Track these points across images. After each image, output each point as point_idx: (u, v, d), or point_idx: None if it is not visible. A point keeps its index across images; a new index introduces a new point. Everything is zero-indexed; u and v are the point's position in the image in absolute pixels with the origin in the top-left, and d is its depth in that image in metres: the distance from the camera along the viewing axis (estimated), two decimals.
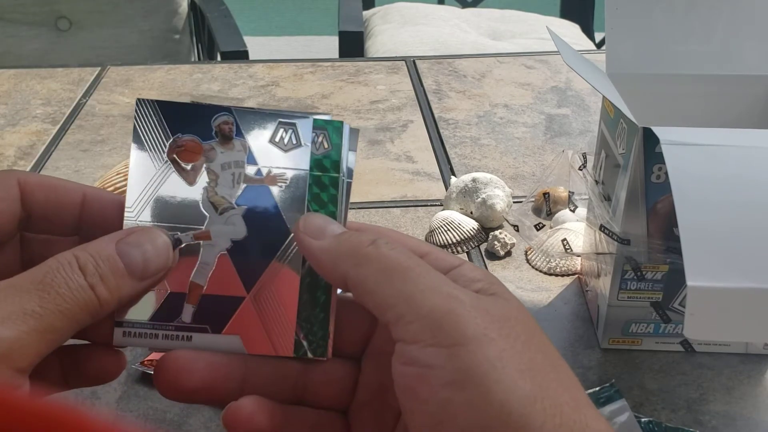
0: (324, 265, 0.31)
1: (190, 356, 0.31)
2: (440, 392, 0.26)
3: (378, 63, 1.10)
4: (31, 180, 0.32)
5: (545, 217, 0.71)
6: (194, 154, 0.33)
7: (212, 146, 0.33)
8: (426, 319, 0.27)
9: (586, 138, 0.88)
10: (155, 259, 0.30)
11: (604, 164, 0.55)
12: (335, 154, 0.33)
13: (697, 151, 0.39)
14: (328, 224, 0.31)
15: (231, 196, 0.32)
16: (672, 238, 0.49)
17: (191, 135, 0.33)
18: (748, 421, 0.51)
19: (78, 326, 0.28)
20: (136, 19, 1.59)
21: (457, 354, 0.26)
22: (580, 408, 0.27)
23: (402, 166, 0.83)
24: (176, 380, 0.30)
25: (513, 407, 0.26)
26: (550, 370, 0.28)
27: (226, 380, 0.31)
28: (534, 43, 1.71)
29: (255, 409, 0.30)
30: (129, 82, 1.03)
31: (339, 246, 0.30)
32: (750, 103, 0.57)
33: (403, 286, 0.28)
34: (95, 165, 0.83)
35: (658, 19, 0.55)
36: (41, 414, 0.15)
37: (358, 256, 0.29)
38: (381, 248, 0.29)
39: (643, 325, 0.55)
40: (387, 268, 0.29)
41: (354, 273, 0.29)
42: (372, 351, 0.33)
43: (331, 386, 0.33)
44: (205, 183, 0.32)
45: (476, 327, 0.27)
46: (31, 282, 0.27)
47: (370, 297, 0.29)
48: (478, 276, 0.30)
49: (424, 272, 0.29)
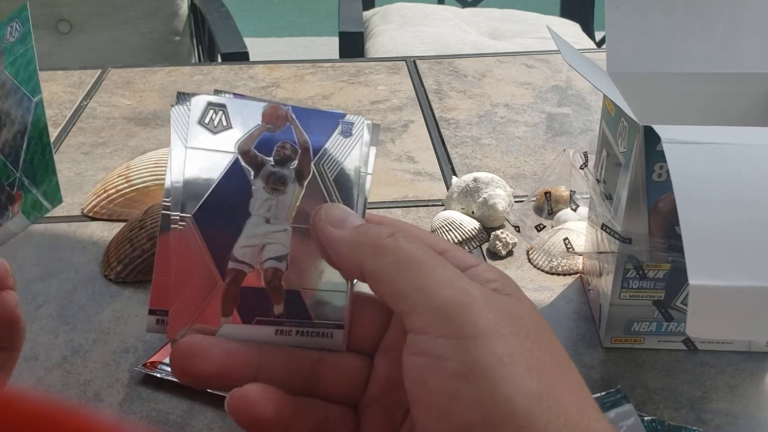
0: (342, 254, 0.31)
1: (207, 342, 0.31)
2: (447, 384, 0.27)
3: (378, 63, 1.10)
4: None
5: (547, 216, 0.71)
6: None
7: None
8: (438, 310, 0.28)
9: (587, 137, 0.88)
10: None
11: (606, 163, 0.55)
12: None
13: (698, 150, 0.39)
14: (348, 215, 0.32)
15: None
16: (674, 237, 0.49)
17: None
18: (751, 419, 0.51)
19: None
20: (137, 21, 1.59)
21: (466, 346, 0.27)
22: (585, 409, 0.27)
23: (403, 167, 0.83)
24: (192, 365, 0.30)
25: (518, 404, 0.26)
26: (557, 371, 0.28)
27: (242, 367, 0.31)
28: (534, 43, 1.71)
29: (260, 396, 0.30)
30: (129, 84, 1.03)
31: (358, 236, 0.30)
32: (751, 101, 0.57)
33: (418, 278, 0.28)
34: (96, 167, 0.83)
35: (658, 17, 0.55)
36: (44, 416, 0.15)
37: (376, 247, 0.30)
38: (399, 241, 0.30)
39: (645, 323, 0.55)
40: (403, 260, 0.29)
41: (371, 263, 0.30)
42: (385, 347, 0.33)
43: (343, 380, 0.33)
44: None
45: (487, 322, 0.27)
46: None
47: (385, 287, 0.29)
48: (493, 276, 0.31)
49: (439, 266, 0.29)
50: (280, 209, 0.32)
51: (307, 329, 0.33)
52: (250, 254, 0.32)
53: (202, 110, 0.32)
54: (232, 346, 0.31)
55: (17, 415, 0.15)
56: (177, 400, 0.53)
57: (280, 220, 0.32)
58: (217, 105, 0.32)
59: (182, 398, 0.53)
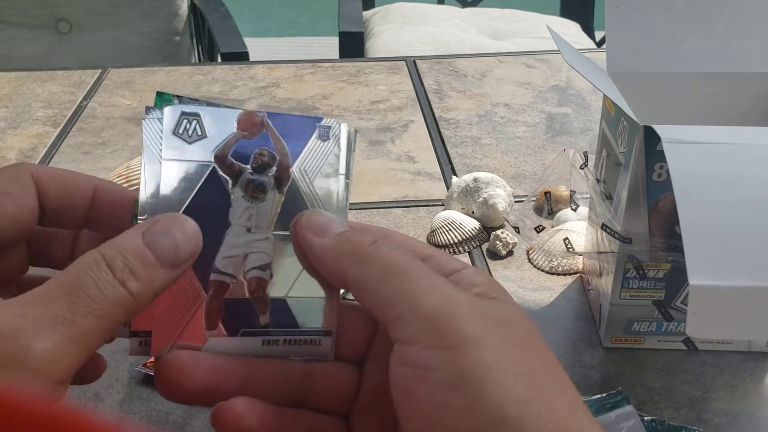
0: (325, 263, 0.30)
1: (192, 358, 0.30)
2: (436, 394, 0.26)
3: (378, 63, 1.10)
4: (43, 173, 0.32)
5: (547, 216, 0.71)
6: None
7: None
8: (424, 320, 0.27)
9: (587, 137, 0.88)
10: (186, 245, 0.29)
11: (606, 163, 0.55)
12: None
13: (698, 149, 0.39)
14: (330, 222, 0.31)
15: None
16: (674, 237, 0.49)
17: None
18: (751, 419, 0.51)
19: (115, 325, 0.27)
20: (137, 21, 1.60)
21: (454, 356, 0.26)
22: (576, 413, 0.27)
23: (403, 166, 0.83)
24: (178, 382, 0.30)
25: (508, 411, 0.26)
26: (547, 375, 0.28)
27: (227, 382, 0.31)
28: (534, 42, 1.71)
29: (245, 409, 0.30)
30: (129, 84, 1.03)
31: (341, 245, 0.30)
32: (751, 100, 0.57)
33: (403, 286, 0.28)
34: (96, 167, 0.83)
35: (658, 17, 0.55)
36: (45, 415, 0.15)
37: (359, 255, 0.29)
38: (382, 248, 0.29)
39: (645, 323, 0.55)
40: (387, 268, 0.29)
41: (354, 272, 0.29)
42: (374, 355, 0.33)
43: (333, 389, 0.33)
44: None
45: (474, 329, 0.27)
46: (59, 287, 0.27)
47: (369, 296, 0.29)
48: (479, 280, 0.30)
49: (424, 273, 0.29)
50: (260, 217, 0.32)
51: (294, 338, 0.32)
52: (232, 265, 0.31)
53: (176, 120, 0.32)
54: (218, 361, 0.31)
55: (17, 415, 0.15)
56: None
57: (261, 229, 0.32)
58: (191, 114, 0.32)
59: None
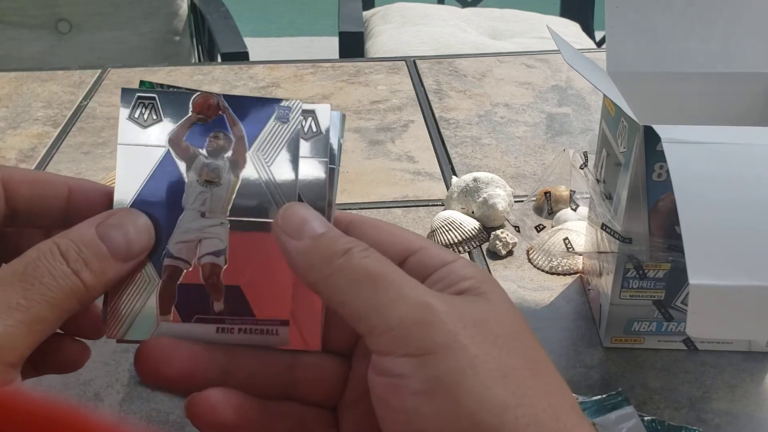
0: (297, 268, 0.30)
1: (172, 344, 0.30)
2: (409, 402, 0.26)
3: (378, 63, 1.10)
4: (14, 175, 0.32)
5: (546, 216, 0.71)
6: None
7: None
8: (395, 330, 0.27)
9: (587, 137, 0.88)
10: (138, 240, 0.30)
11: (605, 163, 0.55)
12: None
13: (698, 149, 0.39)
14: (309, 221, 0.30)
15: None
16: (674, 236, 0.49)
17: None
18: (751, 419, 0.51)
19: (66, 314, 0.28)
20: (137, 21, 1.59)
21: (426, 363, 0.26)
22: (560, 415, 0.26)
23: (403, 166, 0.83)
24: (156, 367, 0.30)
25: (483, 417, 0.25)
26: (529, 376, 0.27)
27: (206, 371, 0.31)
28: (534, 42, 1.71)
29: (220, 400, 0.30)
30: (129, 84, 1.03)
31: (311, 255, 0.29)
32: (751, 100, 0.57)
33: (372, 297, 0.27)
34: (96, 167, 0.83)
35: (658, 17, 0.55)
36: (45, 415, 0.15)
37: (329, 268, 0.28)
38: (353, 259, 0.28)
39: (645, 323, 0.55)
40: (357, 279, 0.28)
41: (323, 285, 0.29)
42: (362, 348, 0.32)
43: (320, 382, 0.32)
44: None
45: (446, 334, 0.26)
46: (13, 274, 0.27)
47: (341, 308, 0.28)
48: (469, 274, 0.29)
49: (396, 280, 0.28)
50: (215, 202, 0.31)
51: (250, 326, 0.32)
52: (186, 250, 0.31)
53: (132, 105, 0.31)
54: (198, 348, 0.31)
55: (17, 415, 0.15)
56: (177, 400, 0.53)
57: (216, 214, 0.31)
58: (147, 98, 0.31)
59: (182, 398, 0.53)
